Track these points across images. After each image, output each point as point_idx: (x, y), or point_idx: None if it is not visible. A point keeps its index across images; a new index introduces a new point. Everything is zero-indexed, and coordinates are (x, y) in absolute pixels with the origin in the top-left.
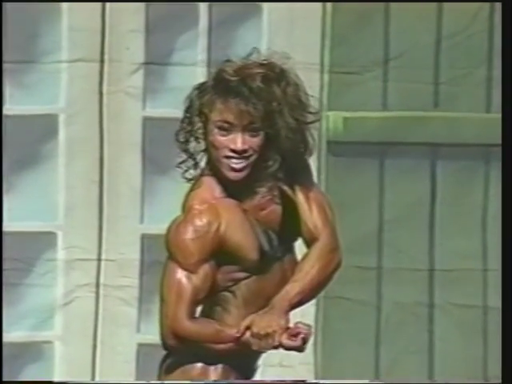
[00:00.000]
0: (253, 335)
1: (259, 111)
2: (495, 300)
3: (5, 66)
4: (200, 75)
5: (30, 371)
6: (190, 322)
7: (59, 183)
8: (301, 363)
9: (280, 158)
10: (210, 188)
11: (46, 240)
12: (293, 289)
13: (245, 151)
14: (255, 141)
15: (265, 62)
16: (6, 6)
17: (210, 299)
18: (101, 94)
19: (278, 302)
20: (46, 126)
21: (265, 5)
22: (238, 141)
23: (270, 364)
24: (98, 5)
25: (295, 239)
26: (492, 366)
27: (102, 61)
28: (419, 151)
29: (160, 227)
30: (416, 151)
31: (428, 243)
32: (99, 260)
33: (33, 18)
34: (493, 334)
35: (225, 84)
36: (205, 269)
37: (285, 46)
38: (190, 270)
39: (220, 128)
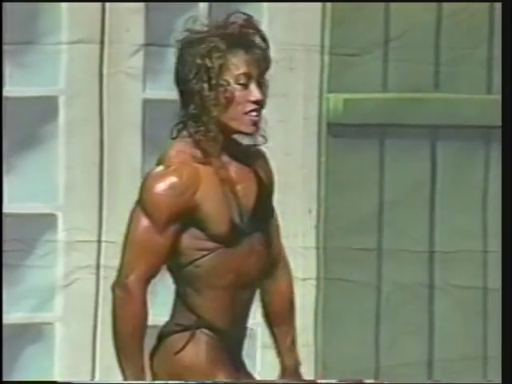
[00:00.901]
0: None
1: (265, 62)
2: (495, 281)
3: (4, 47)
4: None
5: (30, 352)
6: (140, 293)
7: (59, 164)
8: (302, 345)
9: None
10: (193, 149)
11: (46, 221)
12: (293, 344)
13: (262, 101)
14: (263, 93)
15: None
16: None
17: (178, 274)
18: (101, 75)
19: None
20: (46, 108)
21: None
22: (257, 91)
23: (269, 346)
24: None
25: (266, 219)
26: (491, 346)
27: (101, 42)
28: (419, 132)
29: None
30: (416, 132)
31: (428, 224)
32: (99, 242)
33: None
34: (492, 314)
35: (240, 36)
36: (172, 230)
37: (285, 27)
38: (158, 227)
39: (240, 83)
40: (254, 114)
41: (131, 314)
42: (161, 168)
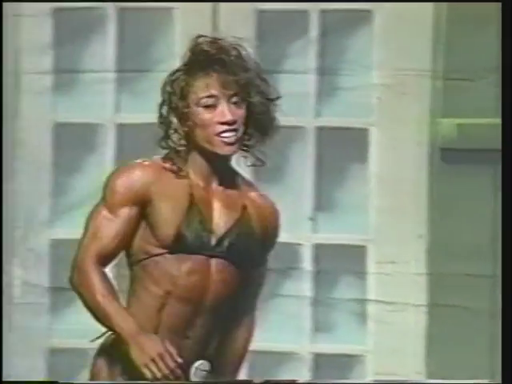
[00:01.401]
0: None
1: (241, 81)
2: None
3: (120, 74)
4: (311, 82)
5: None
6: (96, 270)
7: None
8: (415, 372)
9: (260, 134)
10: (167, 162)
11: None
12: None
13: (234, 122)
14: (240, 111)
15: (229, 42)
16: (125, 15)
17: (131, 270)
18: None
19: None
20: (158, 134)
21: (375, 11)
22: (226, 112)
23: (384, 372)
24: (210, 12)
25: (238, 252)
26: None
27: None
28: None
29: None
30: None
31: None
32: None
33: (147, 28)
34: None
35: (202, 57)
36: (126, 212)
37: (396, 53)
38: (111, 210)
39: (205, 106)
40: (225, 134)
41: (91, 288)
42: (125, 164)
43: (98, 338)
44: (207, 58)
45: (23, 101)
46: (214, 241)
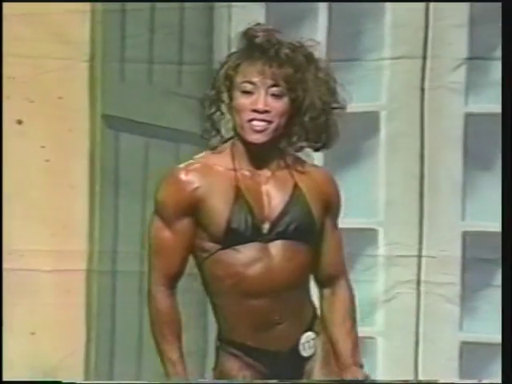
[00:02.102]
0: None
1: (283, 74)
2: None
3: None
4: None
5: None
6: (162, 291)
7: (380, 179)
8: None
9: (304, 136)
10: (217, 154)
11: (366, 236)
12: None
13: (266, 112)
14: (278, 104)
15: (297, 42)
16: (332, 6)
17: (199, 271)
18: (422, 89)
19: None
20: (368, 123)
21: None
22: (260, 100)
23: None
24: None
25: (296, 230)
26: None
27: (424, 57)
28: None
29: (482, 224)
30: None
31: None
32: (420, 256)
33: (357, 16)
34: None
35: (252, 43)
36: (181, 225)
37: None
38: (167, 224)
39: (243, 91)
40: (255, 122)
41: (156, 317)
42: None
43: None
44: (255, 45)
45: None
46: (267, 226)
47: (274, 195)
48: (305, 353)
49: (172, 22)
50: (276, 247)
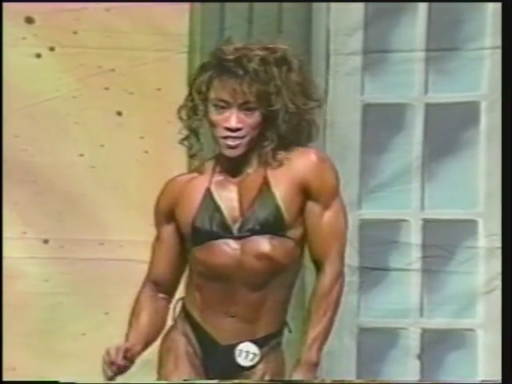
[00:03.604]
0: None
1: (253, 91)
2: None
3: (428, 53)
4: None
5: (452, 357)
6: (146, 298)
7: (479, 170)
8: None
9: (277, 138)
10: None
11: (466, 227)
12: (314, 341)
13: (239, 129)
14: (250, 120)
15: (269, 45)
16: None
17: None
18: None
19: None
20: (468, 113)
21: None
22: (232, 119)
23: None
24: None
25: (264, 223)
26: None
27: None
28: None
29: None
30: None
31: None
32: None
33: (457, 6)
34: None
35: (222, 63)
36: (165, 232)
37: None
38: (157, 232)
39: (216, 106)
40: (229, 140)
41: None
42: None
43: None
44: (224, 64)
45: (332, 82)
46: (237, 225)
47: (244, 194)
48: (240, 360)
49: (270, 13)
50: (247, 242)
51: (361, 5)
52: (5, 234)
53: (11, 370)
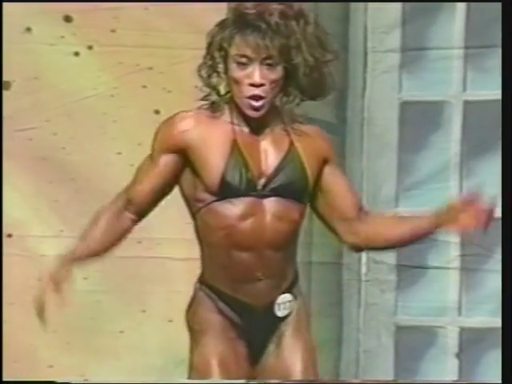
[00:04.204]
0: None
1: (276, 45)
2: None
3: (467, 51)
4: None
5: (491, 356)
6: (112, 205)
7: None
8: None
9: (299, 93)
10: (216, 107)
11: None
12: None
13: (262, 85)
14: (273, 75)
15: (284, 2)
16: None
17: (194, 220)
18: None
19: None
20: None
21: None
22: (256, 74)
23: None
24: None
25: (289, 187)
26: None
27: None
28: None
29: None
30: None
31: None
32: None
33: (495, 3)
34: None
35: (243, 18)
36: (164, 160)
37: None
38: (152, 159)
39: (238, 63)
40: (253, 100)
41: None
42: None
43: None
44: (245, 19)
45: (369, 80)
46: (262, 182)
47: (270, 152)
48: (279, 313)
49: (307, 11)
50: (269, 203)
51: (398, 3)
52: (42, 233)
53: (48, 368)
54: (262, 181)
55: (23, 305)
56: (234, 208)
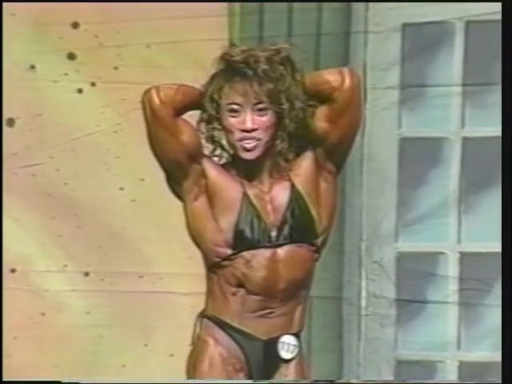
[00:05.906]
0: None
1: (265, 91)
2: None
3: (466, 88)
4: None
5: None
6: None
7: None
8: None
9: (287, 137)
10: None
11: None
12: None
13: (254, 130)
14: (264, 120)
15: (271, 47)
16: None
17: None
18: None
19: None
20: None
21: None
22: (248, 119)
23: None
24: None
25: (299, 232)
26: None
27: None
28: None
29: None
30: None
31: None
32: None
33: (493, 41)
34: None
35: (230, 68)
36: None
37: None
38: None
39: (230, 110)
40: (245, 141)
41: None
42: None
43: None
44: (233, 68)
45: (369, 116)
46: (274, 231)
47: (276, 201)
48: (282, 352)
49: (308, 48)
50: (283, 252)
51: (398, 40)
52: (46, 268)
53: None
54: (274, 231)
55: (26, 339)
56: (248, 261)
